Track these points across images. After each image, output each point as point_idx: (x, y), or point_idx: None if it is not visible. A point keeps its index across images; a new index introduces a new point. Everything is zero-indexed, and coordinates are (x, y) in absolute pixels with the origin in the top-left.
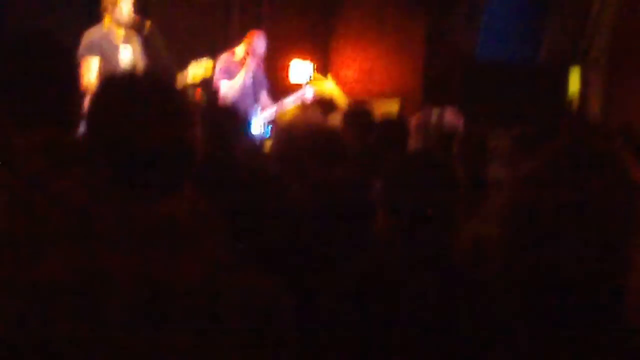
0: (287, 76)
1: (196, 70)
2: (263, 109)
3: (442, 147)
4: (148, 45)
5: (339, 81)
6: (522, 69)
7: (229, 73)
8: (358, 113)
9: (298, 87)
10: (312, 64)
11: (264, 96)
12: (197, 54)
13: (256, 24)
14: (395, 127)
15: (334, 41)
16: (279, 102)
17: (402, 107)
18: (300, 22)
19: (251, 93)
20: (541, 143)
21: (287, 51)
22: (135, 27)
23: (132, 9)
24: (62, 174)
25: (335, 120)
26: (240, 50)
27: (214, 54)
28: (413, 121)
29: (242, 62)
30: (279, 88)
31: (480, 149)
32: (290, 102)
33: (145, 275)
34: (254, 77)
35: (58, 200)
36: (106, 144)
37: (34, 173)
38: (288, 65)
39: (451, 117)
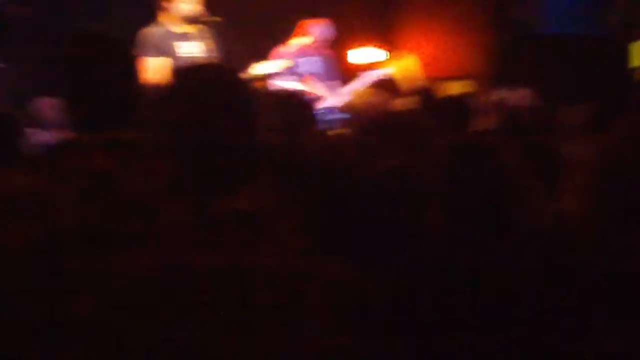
0: (350, 63)
1: (267, 67)
2: (333, 97)
3: (513, 126)
4: (216, 40)
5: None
6: (587, 44)
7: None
8: (424, 95)
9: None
10: (378, 49)
11: (335, 84)
12: (265, 48)
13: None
14: (454, 106)
15: (399, 26)
16: (346, 87)
17: (474, 87)
18: (362, 9)
19: (321, 81)
20: (613, 117)
21: (349, 38)
22: (203, 22)
23: (198, 4)
24: (129, 171)
25: (402, 103)
26: (297, 41)
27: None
28: (483, 101)
29: (302, 53)
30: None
31: (550, 125)
32: (356, 87)
33: (226, 268)
34: (324, 66)
35: (128, 198)
36: (175, 138)
37: (101, 171)
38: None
39: (521, 95)
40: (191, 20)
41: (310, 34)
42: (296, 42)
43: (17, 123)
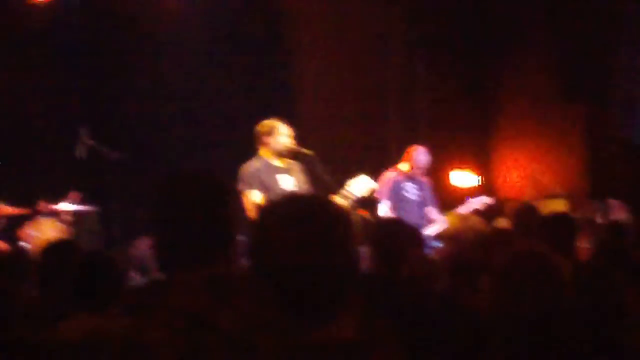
0: (451, 187)
1: (356, 188)
2: (431, 223)
3: (610, 241)
4: (309, 172)
5: (503, 186)
6: None
7: (393, 190)
8: (525, 212)
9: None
10: (473, 174)
11: (432, 211)
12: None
13: (414, 139)
14: (561, 223)
15: (495, 145)
16: (446, 215)
17: (570, 205)
18: (458, 132)
19: (418, 208)
20: None
21: (447, 163)
22: (295, 156)
23: (291, 139)
24: (224, 307)
25: (502, 223)
26: (403, 166)
27: (373, 171)
28: (578, 217)
29: (406, 178)
30: (442, 201)
31: None
32: (461, 212)
33: None
34: (421, 193)
35: (225, 335)
36: (270, 272)
37: (197, 311)
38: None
39: (617, 209)
40: (287, 154)
41: (412, 160)
42: (401, 167)
43: (116, 266)
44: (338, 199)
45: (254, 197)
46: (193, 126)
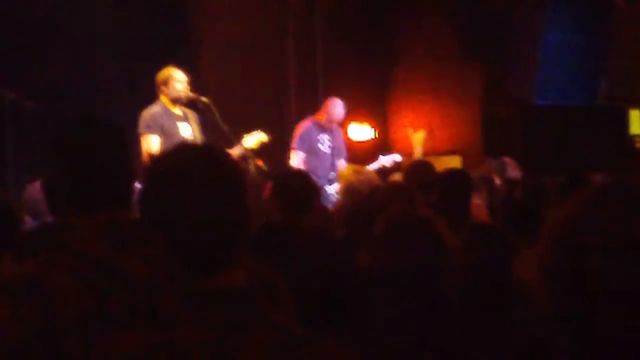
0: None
1: (250, 142)
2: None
3: (506, 198)
4: (205, 121)
5: (399, 141)
6: (581, 114)
7: (307, 141)
8: (419, 168)
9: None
10: (370, 128)
11: (342, 164)
12: (253, 126)
13: (312, 93)
14: (457, 179)
15: (391, 102)
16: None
17: (464, 162)
18: (355, 87)
19: (330, 160)
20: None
21: (344, 116)
22: (192, 104)
23: (187, 87)
24: (126, 254)
25: (397, 178)
26: (319, 117)
27: (270, 125)
28: (475, 175)
29: (321, 129)
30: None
31: (539, 197)
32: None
33: (215, 349)
34: (333, 145)
35: (125, 280)
36: (161, 220)
37: (99, 256)
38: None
39: (511, 167)
40: (183, 101)
41: (328, 111)
42: (318, 118)
43: (12, 211)
44: (233, 150)
45: (152, 143)
46: (90, 72)
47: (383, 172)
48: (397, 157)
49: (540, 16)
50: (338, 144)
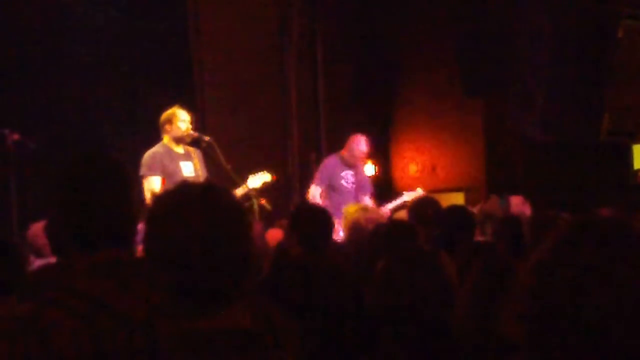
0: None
1: (255, 182)
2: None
3: (508, 235)
4: (208, 160)
5: (401, 179)
6: (584, 149)
7: (329, 176)
8: (424, 205)
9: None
10: (371, 164)
11: (366, 200)
12: (256, 167)
13: (315, 135)
14: (459, 215)
15: (394, 139)
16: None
17: (468, 199)
18: (357, 126)
19: (353, 196)
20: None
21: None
22: (195, 143)
23: (190, 126)
24: (124, 292)
25: (402, 215)
26: (343, 153)
27: (272, 166)
28: (476, 211)
29: (344, 166)
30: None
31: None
32: (395, 205)
33: None
34: (356, 181)
35: (122, 318)
36: (162, 258)
37: (98, 294)
38: None
39: (516, 204)
40: (186, 140)
41: (351, 147)
42: (341, 155)
43: (19, 251)
44: (237, 189)
45: (154, 183)
46: (91, 109)
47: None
48: (419, 192)
49: (543, 52)
50: (362, 180)
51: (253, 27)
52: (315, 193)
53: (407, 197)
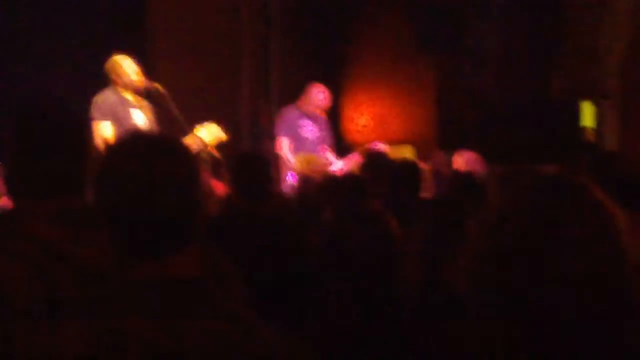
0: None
1: (204, 133)
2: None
3: (455, 191)
4: (158, 109)
5: (353, 129)
6: (533, 106)
7: (290, 128)
8: (373, 157)
9: None
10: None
11: (326, 150)
12: (206, 116)
13: (265, 79)
14: (409, 170)
15: (346, 89)
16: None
17: (417, 153)
18: (310, 73)
19: (314, 148)
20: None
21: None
22: (145, 91)
23: (140, 75)
24: (77, 240)
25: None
26: (300, 104)
27: (224, 115)
28: (426, 166)
29: (303, 116)
30: None
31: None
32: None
33: (160, 338)
34: (319, 131)
35: (76, 266)
36: (112, 207)
37: (51, 241)
38: None
39: (470, 160)
40: (138, 89)
41: (310, 97)
42: (300, 104)
43: None
44: (188, 139)
45: (105, 129)
46: (37, 56)
47: None
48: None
49: (495, 9)
50: (322, 131)
51: None
52: (284, 144)
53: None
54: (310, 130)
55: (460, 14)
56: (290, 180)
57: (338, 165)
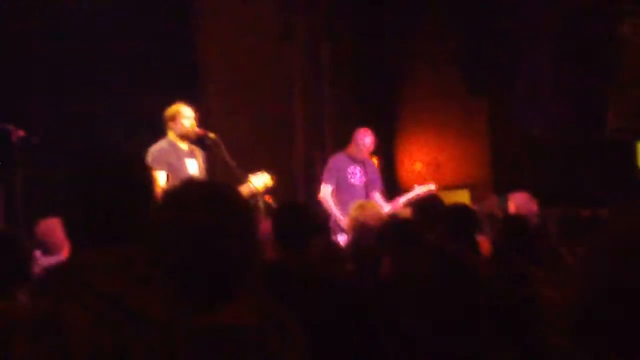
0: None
1: (257, 182)
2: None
3: (509, 233)
4: (212, 158)
5: (408, 174)
6: (589, 147)
7: (337, 173)
8: (427, 202)
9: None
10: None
11: (376, 196)
12: (260, 165)
13: (320, 134)
14: (461, 215)
15: (399, 137)
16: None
17: (473, 197)
18: (362, 120)
19: (363, 193)
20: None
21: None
22: (199, 141)
23: (194, 123)
24: (139, 289)
25: (406, 213)
26: (349, 149)
27: (278, 166)
28: (480, 209)
29: (350, 161)
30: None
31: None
32: (404, 200)
33: None
34: (365, 176)
35: (139, 316)
36: (172, 255)
37: (114, 291)
38: None
39: (523, 202)
40: (191, 137)
41: (357, 142)
42: (348, 150)
43: (23, 245)
44: (242, 187)
45: (159, 179)
46: (95, 108)
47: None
48: (431, 187)
49: (546, 50)
50: (371, 176)
51: (259, 27)
52: (325, 192)
53: (419, 190)
54: (357, 176)
55: (511, 56)
56: (340, 238)
57: (387, 209)
